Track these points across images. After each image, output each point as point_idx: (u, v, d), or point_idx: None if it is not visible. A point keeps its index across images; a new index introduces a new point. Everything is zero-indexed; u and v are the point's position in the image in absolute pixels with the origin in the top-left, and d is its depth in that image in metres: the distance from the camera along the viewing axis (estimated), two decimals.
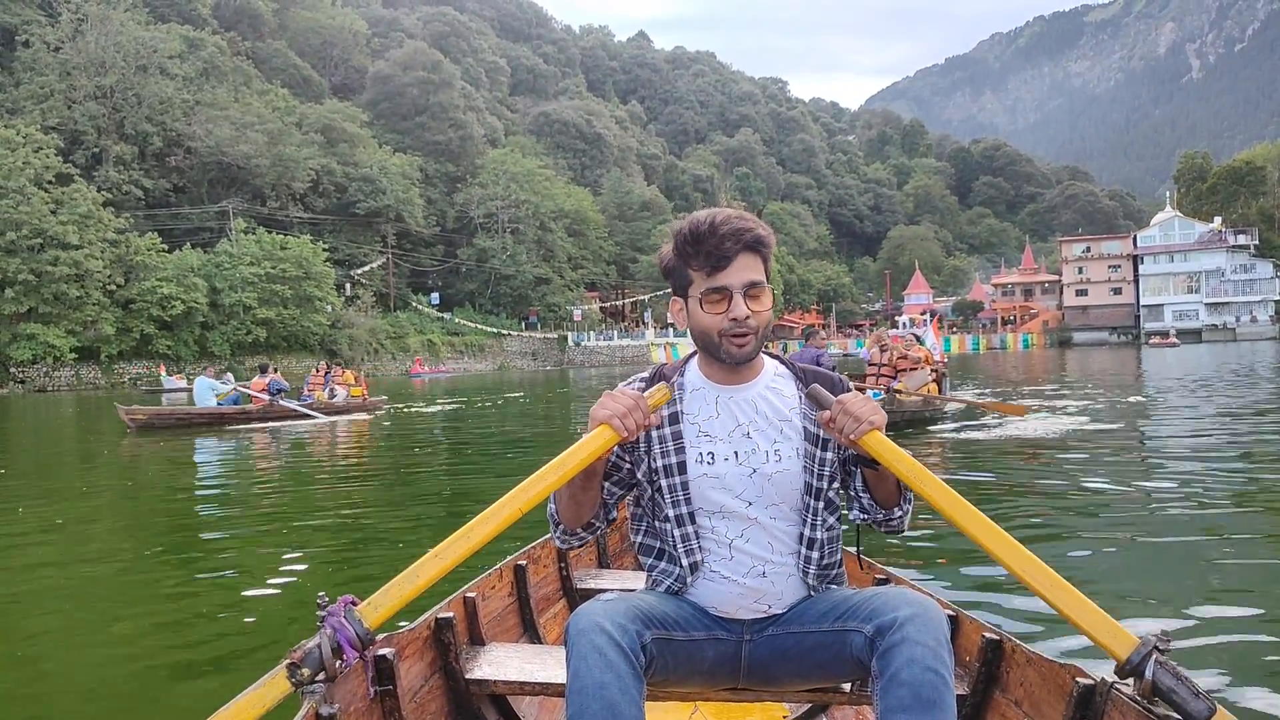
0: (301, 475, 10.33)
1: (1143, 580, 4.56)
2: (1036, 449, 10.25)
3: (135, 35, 63.43)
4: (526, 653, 2.37)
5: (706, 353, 1.91)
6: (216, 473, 11.21)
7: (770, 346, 2.08)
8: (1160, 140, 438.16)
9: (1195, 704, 1.51)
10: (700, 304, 1.84)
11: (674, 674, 1.82)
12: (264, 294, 56.47)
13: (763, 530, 1.86)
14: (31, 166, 49.62)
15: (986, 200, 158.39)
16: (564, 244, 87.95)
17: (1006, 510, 6.56)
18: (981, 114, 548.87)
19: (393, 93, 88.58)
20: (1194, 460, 8.82)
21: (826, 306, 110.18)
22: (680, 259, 1.87)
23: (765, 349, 1.96)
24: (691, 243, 1.84)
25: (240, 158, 64.56)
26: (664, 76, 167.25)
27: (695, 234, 1.83)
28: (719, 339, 1.84)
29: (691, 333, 1.90)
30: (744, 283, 1.82)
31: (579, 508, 1.89)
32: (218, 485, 9.89)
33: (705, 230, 1.82)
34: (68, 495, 9.09)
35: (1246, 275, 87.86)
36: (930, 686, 1.56)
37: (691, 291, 1.86)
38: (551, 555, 3.30)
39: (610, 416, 1.73)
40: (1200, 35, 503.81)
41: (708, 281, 1.83)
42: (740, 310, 1.81)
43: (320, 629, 1.62)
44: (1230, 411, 14.14)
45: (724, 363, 1.88)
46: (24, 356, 48.46)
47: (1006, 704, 2.08)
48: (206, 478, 10.67)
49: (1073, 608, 1.60)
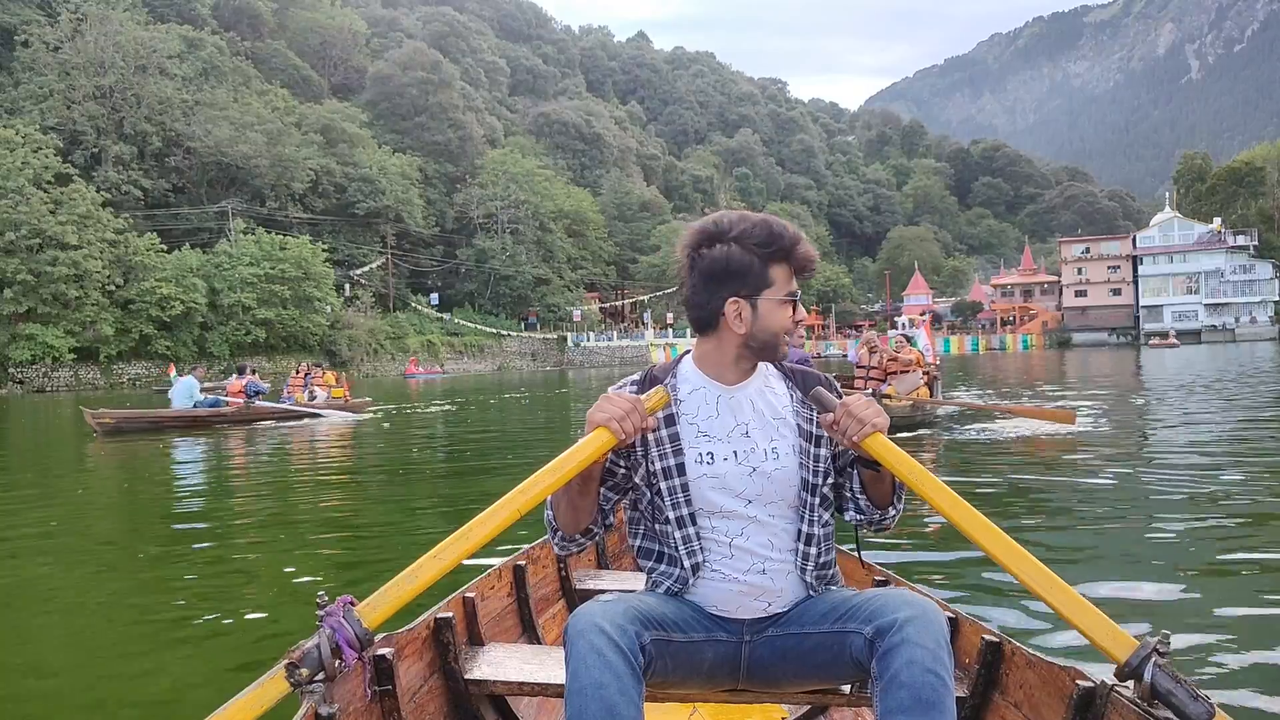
0: (271, 479, 9.96)
1: (1143, 581, 4.54)
2: (1037, 449, 10.24)
3: (134, 35, 63.50)
4: (525, 653, 2.37)
5: (760, 355, 1.93)
6: (186, 477, 10.79)
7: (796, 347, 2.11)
8: (1159, 141, 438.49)
9: (1194, 707, 1.51)
10: (777, 305, 1.88)
11: (673, 675, 1.82)
12: (263, 294, 56.49)
13: (762, 528, 1.86)
14: (31, 166, 49.65)
15: (986, 201, 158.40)
16: (563, 244, 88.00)
17: (1004, 510, 6.54)
18: (981, 115, 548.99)
19: (392, 93, 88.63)
20: (1193, 459, 8.82)
21: (826, 307, 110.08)
22: (762, 260, 1.87)
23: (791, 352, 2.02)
24: (785, 246, 1.88)
25: (239, 158, 64.59)
26: (663, 77, 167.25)
27: (787, 238, 1.88)
28: (778, 341, 1.90)
29: (752, 333, 1.89)
30: (796, 293, 1.92)
31: (577, 513, 1.89)
32: (191, 490, 9.51)
33: (789, 238, 1.88)
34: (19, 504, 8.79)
35: (1246, 276, 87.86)
36: (930, 688, 1.56)
37: (771, 293, 1.88)
38: (551, 556, 3.30)
39: (608, 419, 1.74)
40: (1200, 36, 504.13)
41: (790, 285, 1.89)
42: (800, 314, 1.92)
43: (319, 629, 1.61)
44: (1231, 413, 14.14)
45: (772, 363, 1.96)
46: (23, 357, 48.47)
47: (1006, 706, 2.07)
48: (175, 483, 10.26)
49: (1071, 609, 1.60)
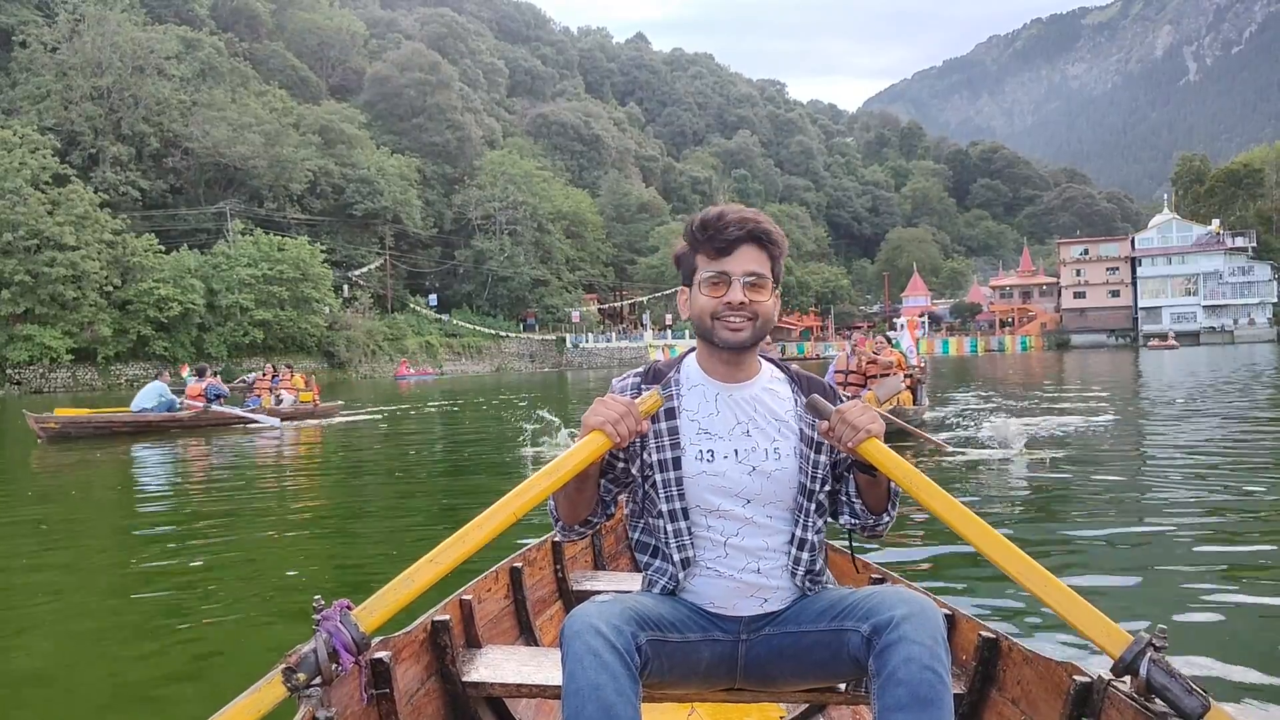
0: (208, 489, 9.30)
1: (1140, 575, 4.55)
2: (1035, 450, 10.22)
3: (132, 36, 63.34)
4: (523, 655, 2.37)
5: (703, 339, 1.95)
6: (137, 485, 10.18)
7: (768, 348, 2.09)
8: (1158, 143, 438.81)
9: (1189, 701, 1.53)
10: (700, 288, 1.90)
11: (670, 675, 1.83)
12: (261, 295, 56.38)
13: (758, 529, 1.88)
14: (28, 167, 49.50)
15: (984, 202, 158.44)
16: (562, 245, 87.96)
17: (1003, 509, 6.53)
18: (979, 116, 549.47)
19: (390, 94, 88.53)
20: (1192, 459, 8.82)
21: (825, 309, 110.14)
22: (689, 247, 1.94)
23: (763, 353, 1.99)
24: (700, 229, 1.90)
25: (237, 159, 64.49)
26: (662, 78, 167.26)
27: (704, 222, 1.90)
28: (712, 322, 1.89)
29: (691, 319, 1.94)
30: (744, 271, 1.87)
31: (575, 507, 1.93)
32: (142, 495, 9.22)
33: (713, 218, 1.89)
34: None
35: (1244, 278, 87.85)
36: (927, 685, 1.57)
37: (695, 278, 1.91)
38: (547, 557, 3.29)
39: (603, 423, 1.77)
40: (1198, 38, 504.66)
41: (710, 265, 1.89)
42: (736, 295, 1.85)
43: (316, 633, 1.61)
44: (1231, 413, 14.14)
45: (719, 349, 1.92)
46: (20, 358, 48.35)
47: (1003, 702, 2.08)
48: (114, 489, 9.83)
49: (1067, 606, 1.62)
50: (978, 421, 11.86)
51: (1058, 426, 12.51)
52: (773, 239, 1.90)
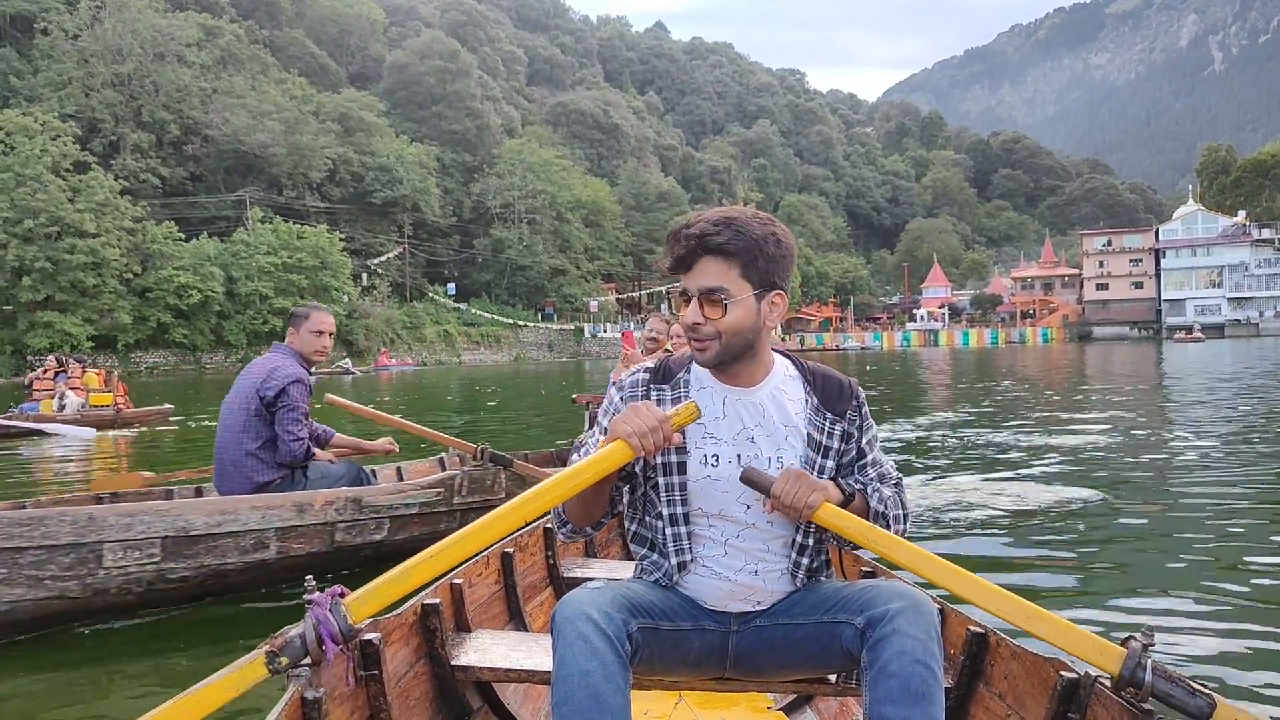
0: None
1: (1137, 572, 4.43)
2: (1035, 450, 10.05)
3: (153, 23, 63.77)
4: (512, 640, 2.39)
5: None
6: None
7: (787, 341, 1.95)
8: (1182, 133, 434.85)
9: (1194, 702, 1.55)
10: (681, 302, 1.85)
11: (660, 663, 1.82)
12: (280, 283, 56.79)
13: (758, 534, 1.86)
14: (49, 154, 49.91)
15: (1005, 193, 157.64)
16: (580, 235, 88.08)
17: (1003, 508, 6.37)
18: (1000, 106, 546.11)
19: (410, 82, 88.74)
20: (1192, 457, 8.65)
21: (844, 299, 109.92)
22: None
23: (777, 348, 1.94)
24: (665, 242, 1.84)
25: (257, 146, 64.87)
26: (681, 67, 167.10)
27: (670, 233, 1.84)
28: (688, 339, 1.83)
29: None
30: (699, 288, 1.78)
31: (589, 508, 1.89)
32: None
33: (676, 230, 1.82)
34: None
35: (1271, 270, 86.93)
36: (919, 679, 1.58)
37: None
38: (539, 543, 3.30)
39: (630, 434, 1.69)
40: (1223, 27, 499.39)
41: (683, 281, 1.82)
42: (690, 316, 1.78)
43: (305, 618, 1.62)
44: (1241, 408, 13.89)
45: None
46: (41, 345, 48.73)
47: (990, 697, 2.10)
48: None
49: (1054, 634, 1.63)
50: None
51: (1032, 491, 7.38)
52: (728, 249, 1.75)
